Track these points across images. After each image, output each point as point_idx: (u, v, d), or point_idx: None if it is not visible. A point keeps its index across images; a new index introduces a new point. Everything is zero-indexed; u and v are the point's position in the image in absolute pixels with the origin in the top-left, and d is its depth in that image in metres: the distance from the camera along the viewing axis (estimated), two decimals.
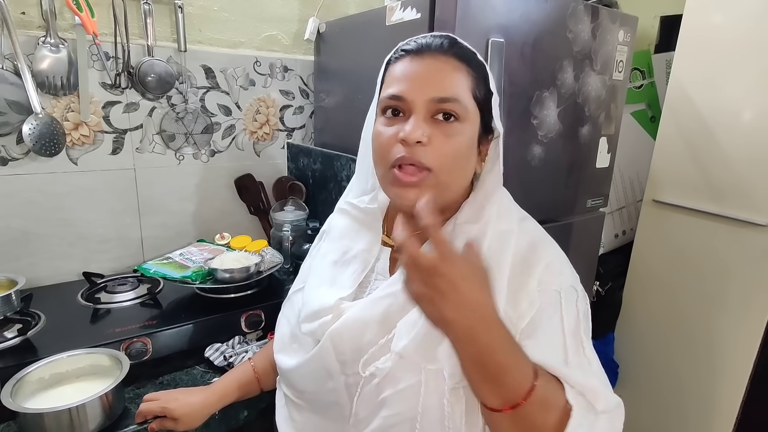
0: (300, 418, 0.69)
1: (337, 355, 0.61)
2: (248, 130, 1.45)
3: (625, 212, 1.94)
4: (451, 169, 0.60)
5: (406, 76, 0.60)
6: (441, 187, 0.60)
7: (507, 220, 0.64)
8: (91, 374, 0.86)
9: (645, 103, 1.97)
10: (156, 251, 1.31)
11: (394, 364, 0.57)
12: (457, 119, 0.59)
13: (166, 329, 0.98)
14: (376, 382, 0.58)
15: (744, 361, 1.49)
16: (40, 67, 1.08)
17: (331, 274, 0.68)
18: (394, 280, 0.62)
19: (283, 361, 0.69)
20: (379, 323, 0.59)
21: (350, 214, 0.73)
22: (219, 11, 1.33)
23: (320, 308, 0.64)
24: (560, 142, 1.17)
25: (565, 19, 1.08)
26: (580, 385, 0.51)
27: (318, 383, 0.64)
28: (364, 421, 0.59)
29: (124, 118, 1.24)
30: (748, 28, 1.40)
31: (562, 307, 0.59)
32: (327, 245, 0.74)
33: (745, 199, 1.45)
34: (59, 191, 1.19)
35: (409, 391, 0.56)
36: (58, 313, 1.03)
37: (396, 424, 0.57)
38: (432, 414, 0.56)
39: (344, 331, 0.61)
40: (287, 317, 0.73)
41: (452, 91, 0.59)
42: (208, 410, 0.81)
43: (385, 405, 0.57)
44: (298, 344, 0.68)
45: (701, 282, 1.59)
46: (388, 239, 0.70)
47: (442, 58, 0.60)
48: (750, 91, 1.41)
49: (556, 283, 0.60)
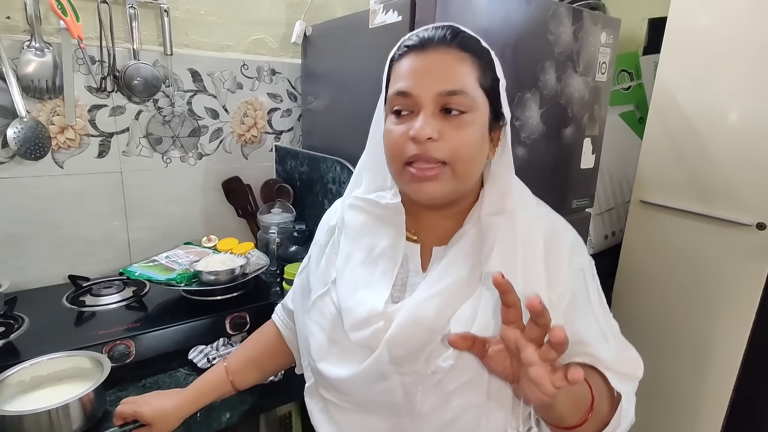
0: (344, 419, 0.67)
1: (392, 359, 0.61)
2: (236, 133, 1.45)
3: (615, 213, 1.95)
4: (467, 159, 0.60)
5: (411, 72, 0.60)
6: (459, 178, 0.61)
7: (528, 206, 0.66)
8: (73, 377, 0.86)
9: (633, 105, 1.98)
10: (143, 254, 1.31)
11: (455, 360, 0.59)
12: (465, 111, 0.59)
13: (149, 331, 0.98)
14: (439, 379, 0.59)
15: (732, 360, 1.50)
16: (25, 71, 1.09)
17: (363, 275, 0.67)
18: (434, 278, 0.63)
19: (328, 370, 0.66)
20: (432, 322, 0.60)
21: (365, 210, 0.71)
22: (206, 15, 1.34)
23: (368, 315, 0.62)
24: (543, 144, 1.17)
25: (547, 21, 1.09)
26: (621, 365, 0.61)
27: (370, 386, 0.63)
28: (430, 414, 0.61)
29: (111, 121, 1.24)
30: (734, 30, 1.42)
31: (588, 285, 0.64)
32: (347, 245, 0.70)
33: (731, 200, 1.46)
34: (45, 194, 1.19)
35: (474, 381, 0.59)
36: (42, 316, 1.02)
37: (462, 414, 0.60)
38: (497, 398, 0.59)
39: (399, 336, 0.60)
40: (319, 324, 0.69)
41: (458, 84, 0.59)
42: (181, 414, 0.80)
43: (453, 397, 0.59)
44: (338, 349, 0.66)
45: (689, 282, 1.59)
46: (411, 234, 0.69)
47: (446, 50, 0.60)
48: (736, 92, 1.42)
49: (580, 262, 0.65)
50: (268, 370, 0.90)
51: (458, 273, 0.62)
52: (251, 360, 0.88)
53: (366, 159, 0.74)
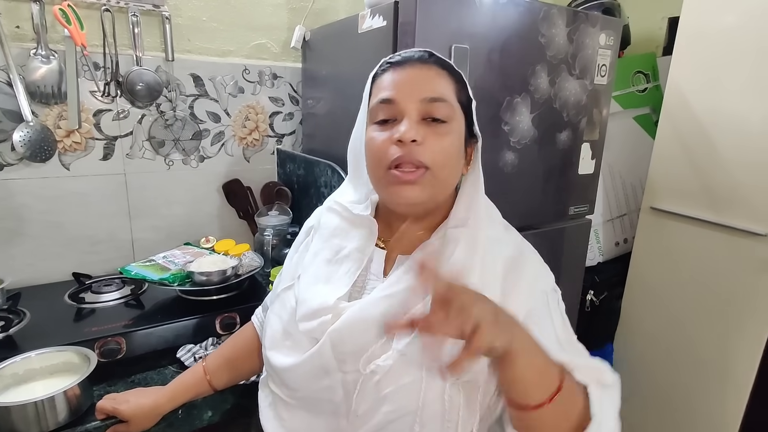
0: (289, 416, 0.69)
1: (336, 354, 0.62)
2: (237, 137, 1.48)
3: (627, 220, 1.88)
4: (446, 166, 0.63)
5: (394, 83, 0.64)
6: (438, 185, 0.63)
7: (494, 227, 0.69)
8: (64, 371, 0.89)
9: (649, 107, 1.91)
10: (146, 253, 1.34)
11: (395, 362, 0.60)
12: (446, 120, 0.63)
13: (141, 329, 1.01)
14: (377, 379, 0.60)
15: (745, 372, 1.43)
16: (32, 78, 1.14)
17: (326, 272, 0.70)
18: (390, 282, 0.65)
19: (276, 359, 0.69)
20: (379, 323, 0.61)
21: (341, 215, 0.75)
22: (208, 21, 1.37)
23: (319, 307, 0.65)
24: (535, 148, 1.15)
25: (537, 23, 1.07)
26: (585, 366, 0.57)
27: (313, 381, 0.65)
28: (364, 416, 0.61)
29: (115, 125, 1.29)
30: (748, 31, 1.36)
31: (550, 307, 0.65)
32: (318, 243, 0.75)
33: (743, 208, 1.39)
34: (52, 195, 1.24)
35: (411, 386, 0.59)
36: (43, 312, 1.07)
37: (397, 419, 0.59)
38: (432, 408, 0.59)
39: (344, 331, 0.62)
40: (278, 315, 0.73)
41: (440, 92, 0.63)
42: (159, 411, 0.83)
43: (386, 400, 0.59)
44: (291, 341, 0.69)
45: (700, 292, 1.53)
46: (380, 242, 0.72)
47: (425, 66, 0.64)
48: (749, 96, 1.36)
49: (543, 284, 0.66)
50: (245, 370, 0.91)
51: (413, 280, 0.63)
52: (228, 360, 0.89)
53: (349, 171, 0.78)
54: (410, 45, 0.92)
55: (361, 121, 0.70)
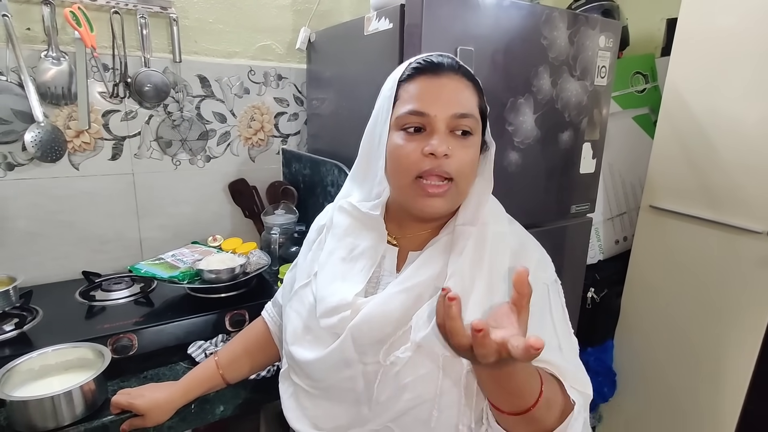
0: (312, 405, 0.72)
1: (357, 347, 0.65)
2: (243, 137, 1.50)
3: (627, 218, 1.91)
4: (468, 177, 0.67)
5: (424, 93, 0.65)
6: (460, 195, 0.68)
7: (499, 222, 0.71)
8: (79, 367, 0.91)
9: (648, 108, 1.94)
10: (154, 252, 1.36)
11: (413, 353, 0.63)
12: (471, 133, 0.66)
13: (152, 326, 1.03)
14: (397, 370, 0.63)
15: (743, 369, 1.46)
16: (43, 79, 1.16)
17: (342, 269, 0.72)
18: (405, 277, 0.68)
19: (299, 353, 0.72)
20: (396, 317, 0.65)
21: (352, 214, 0.76)
22: (214, 23, 1.39)
23: (338, 304, 0.68)
24: (538, 148, 1.17)
25: (539, 26, 1.09)
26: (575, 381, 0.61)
27: (335, 372, 0.68)
28: (385, 404, 0.64)
29: (123, 125, 1.31)
30: (746, 32, 1.38)
31: (551, 299, 0.68)
32: (332, 242, 0.77)
33: (741, 207, 1.42)
34: (62, 194, 1.26)
35: (428, 376, 0.62)
36: (55, 309, 1.09)
37: (416, 406, 0.63)
38: (449, 394, 0.62)
39: (364, 325, 0.65)
40: (297, 311, 0.76)
41: (468, 108, 0.65)
42: (173, 405, 0.85)
43: (406, 389, 0.63)
44: (312, 336, 0.72)
45: (699, 289, 1.56)
46: (391, 239, 0.75)
47: (456, 77, 0.66)
48: (747, 96, 1.38)
49: (545, 277, 0.69)
50: (257, 363, 0.94)
51: (426, 274, 0.66)
52: (240, 354, 0.92)
53: (357, 169, 0.78)
54: (417, 47, 0.94)
55: (381, 122, 0.70)
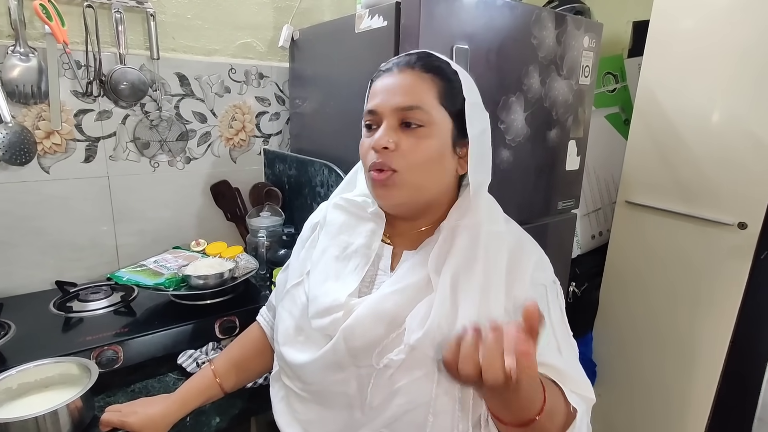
0: (303, 408, 0.70)
1: (349, 349, 0.63)
2: (224, 137, 1.45)
3: (602, 213, 1.97)
4: (419, 168, 0.65)
5: (379, 91, 0.68)
6: (412, 186, 0.66)
7: (495, 222, 0.70)
8: (61, 383, 0.86)
9: (618, 107, 2.01)
10: (132, 259, 1.31)
11: (407, 356, 0.61)
12: (422, 125, 0.65)
13: (138, 336, 0.98)
14: (391, 373, 0.61)
15: (715, 358, 1.53)
16: (9, 76, 1.08)
17: (335, 268, 0.71)
18: (398, 277, 0.67)
19: (291, 355, 0.70)
20: (389, 318, 0.63)
21: (348, 210, 0.76)
22: (193, 19, 1.34)
23: (330, 305, 0.66)
24: (528, 146, 1.19)
25: (530, 26, 1.11)
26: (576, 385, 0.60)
27: (327, 375, 0.66)
28: (378, 408, 0.62)
29: (97, 126, 1.24)
30: (715, 33, 1.44)
31: (549, 300, 0.66)
32: (325, 240, 0.75)
33: (712, 200, 1.49)
34: (31, 200, 1.18)
35: (423, 379, 0.60)
36: (29, 323, 1.02)
37: (410, 411, 0.61)
38: (444, 399, 0.60)
39: (356, 327, 0.63)
40: (289, 311, 0.74)
41: (415, 100, 0.65)
42: (169, 420, 0.80)
43: (400, 393, 0.61)
44: (304, 337, 0.70)
45: (673, 281, 1.62)
46: (386, 238, 0.74)
47: (409, 71, 0.67)
48: (717, 94, 1.45)
49: (543, 277, 0.68)
50: (255, 370, 0.91)
51: (420, 274, 0.66)
52: (238, 361, 0.88)
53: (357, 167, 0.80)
54: (413, 45, 0.93)
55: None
